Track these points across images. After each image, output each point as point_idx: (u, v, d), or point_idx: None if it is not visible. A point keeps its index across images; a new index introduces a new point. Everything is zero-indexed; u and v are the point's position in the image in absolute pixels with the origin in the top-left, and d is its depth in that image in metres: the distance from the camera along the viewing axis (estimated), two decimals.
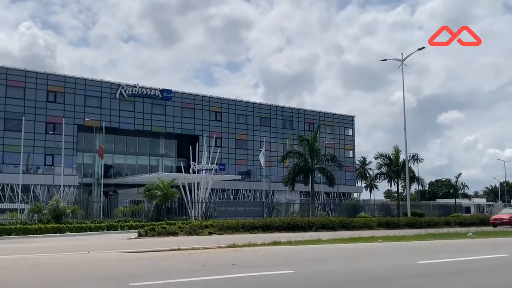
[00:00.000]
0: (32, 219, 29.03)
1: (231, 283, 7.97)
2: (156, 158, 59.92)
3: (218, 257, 12.21)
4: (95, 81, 54.10)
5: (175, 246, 14.38)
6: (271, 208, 41.70)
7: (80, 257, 12.91)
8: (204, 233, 23.40)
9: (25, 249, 16.25)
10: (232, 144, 61.79)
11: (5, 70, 49.27)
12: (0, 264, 11.29)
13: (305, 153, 42.20)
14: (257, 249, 14.39)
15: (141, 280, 7.94)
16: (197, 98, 60.56)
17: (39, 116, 49.38)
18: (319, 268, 10.10)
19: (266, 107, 66.15)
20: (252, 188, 60.51)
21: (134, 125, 55.59)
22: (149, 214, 34.58)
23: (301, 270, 9.65)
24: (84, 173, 53.00)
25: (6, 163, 47.15)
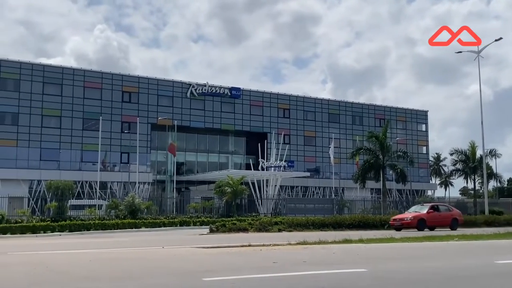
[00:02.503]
0: (109, 215, 30.30)
1: (303, 280, 7.90)
2: (226, 155, 60.77)
3: (288, 254, 12.17)
4: (167, 81, 55.66)
5: (245, 242, 14.48)
6: (341, 205, 41.21)
7: (155, 252, 13.31)
8: (274, 230, 23.45)
9: (103, 244, 16.97)
10: (301, 141, 61.57)
11: (83, 72, 51.73)
12: (82, 258, 11.84)
13: (375, 149, 41.30)
14: (328, 246, 14.21)
15: (214, 275, 8.04)
16: (265, 95, 60.82)
17: (115, 116, 51.45)
18: (393, 267, 9.82)
19: (334, 103, 65.38)
20: (321, 185, 60.03)
21: (204, 123, 56.68)
22: (219, 210, 35.17)
23: (373, 268, 9.41)
24: (157, 170, 54.66)
25: (84, 161, 49.50)
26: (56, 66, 51.50)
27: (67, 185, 29.03)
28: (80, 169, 48.89)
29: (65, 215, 28.14)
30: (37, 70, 49.26)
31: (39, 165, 47.41)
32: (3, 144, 46.38)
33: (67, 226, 25.73)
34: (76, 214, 29.79)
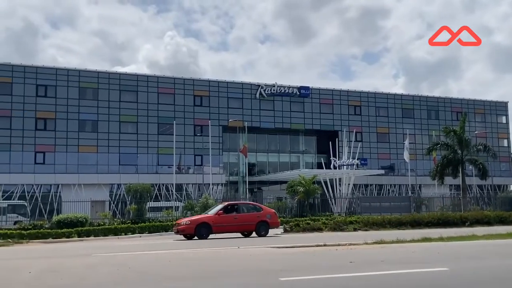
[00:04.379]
0: (186, 216, 31.01)
1: (382, 280, 7.71)
2: (297, 155, 60.65)
3: (365, 254, 11.94)
4: (236, 83, 56.37)
5: (320, 242, 14.36)
6: (419, 203, 39.96)
7: (231, 252, 13.47)
8: (349, 229, 23.12)
9: (181, 244, 17.40)
10: (373, 138, 60.33)
11: (156, 78, 53.45)
12: (162, 258, 12.19)
13: (453, 144, 39.66)
14: (406, 245, 13.83)
15: (290, 275, 8.02)
16: (335, 93, 60.14)
17: (187, 120, 52.76)
18: (476, 265, 9.39)
19: (408, 98, 63.57)
20: (396, 183, 58.56)
21: (274, 123, 56.87)
22: (292, 210, 35.13)
23: (455, 267, 9.04)
24: (230, 171, 55.44)
25: (160, 164, 51.09)
26: (131, 74, 53.58)
27: (145, 188, 30.03)
28: (156, 172, 50.51)
29: (144, 217, 29.10)
30: (114, 79, 51.46)
31: (118, 169, 49.47)
32: (84, 151, 48.81)
33: (147, 227, 26.57)
34: (154, 215, 30.74)
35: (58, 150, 48.06)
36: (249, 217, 21.29)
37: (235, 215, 21.19)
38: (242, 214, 21.46)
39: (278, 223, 22.64)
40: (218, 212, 20.92)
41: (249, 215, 21.45)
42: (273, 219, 21.67)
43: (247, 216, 21.40)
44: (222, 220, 20.55)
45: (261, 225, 20.99)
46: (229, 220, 20.73)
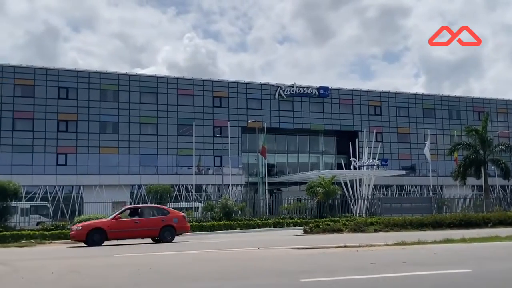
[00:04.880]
0: (205, 217, 31.18)
1: (403, 281, 7.63)
2: (316, 155, 60.43)
3: (386, 255, 11.84)
4: (255, 84, 56.39)
5: (341, 243, 14.29)
6: (440, 204, 39.55)
7: (251, 253, 13.47)
8: (370, 230, 22.94)
9: (201, 245, 17.47)
10: (394, 138, 59.82)
11: (176, 80, 53.75)
12: (182, 259, 12.25)
13: (475, 144, 39.11)
14: (428, 246, 13.68)
15: (310, 276, 7.99)
16: (355, 93, 59.78)
17: (207, 121, 52.95)
18: (499, 267, 9.24)
19: (429, 98, 62.88)
20: (417, 184, 57.97)
21: (293, 124, 56.75)
22: (312, 211, 35.00)
23: (478, 268, 8.92)
24: (249, 172, 55.48)
25: (180, 165, 51.35)
26: (150, 76, 53.98)
27: (165, 189, 30.27)
28: (176, 173, 50.78)
29: None
30: (134, 81, 51.91)
31: (138, 170, 49.86)
32: (105, 152, 49.31)
33: None
34: None
35: (79, 152, 48.64)
36: (153, 221, 19.70)
37: (136, 220, 19.65)
38: (145, 219, 19.79)
39: (187, 228, 21.01)
40: (115, 216, 19.30)
41: (153, 219, 19.86)
42: (180, 223, 20.11)
43: (150, 220, 19.77)
44: (120, 225, 18.94)
45: (166, 230, 19.55)
46: (128, 225, 19.25)
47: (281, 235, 22.99)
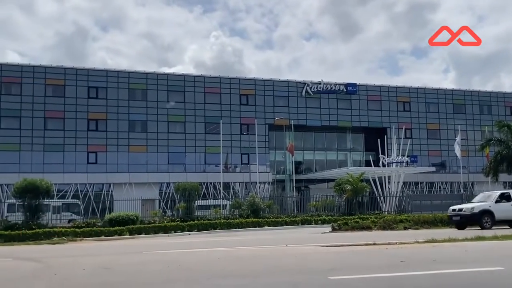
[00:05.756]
0: (233, 214, 31.28)
1: (434, 279, 7.52)
2: (344, 152, 60.00)
3: (416, 252, 11.70)
4: (282, 81, 56.28)
5: (370, 241, 14.17)
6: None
7: (279, 250, 13.47)
8: (399, 228, 22.74)
9: (230, 242, 17.53)
10: (424, 134, 58.97)
11: (203, 78, 54.06)
12: (211, 256, 12.32)
13: (507, 139, 38.29)
14: (459, 244, 13.47)
15: (339, 274, 7.94)
16: (383, 89, 59.11)
17: (234, 119, 53.10)
18: None
19: (459, 93, 61.75)
20: (448, 180, 57.02)
21: (321, 121, 56.46)
22: (340, 208, 34.77)
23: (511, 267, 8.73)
24: (276, 170, 55.44)
25: (208, 163, 51.66)
26: (178, 74, 54.41)
27: (193, 187, 30.42)
28: (204, 171, 51.11)
29: (193, 215, 29.50)
30: (162, 79, 52.40)
31: (167, 168, 50.36)
32: (135, 150, 49.94)
33: (195, 225, 26.99)
34: (203, 214, 31.12)
35: (109, 150, 49.39)
36: None
37: None
38: None
39: None
40: None
41: None
42: None
43: None
44: None
45: None
46: None
47: (309, 232, 22.92)
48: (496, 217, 21.71)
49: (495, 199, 22.28)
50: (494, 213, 21.68)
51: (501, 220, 22.14)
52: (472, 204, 23.12)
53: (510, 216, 22.29)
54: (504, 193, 23.19)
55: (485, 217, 21.58)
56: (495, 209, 21.77)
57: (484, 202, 22.47)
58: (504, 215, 22.02)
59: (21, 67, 49.07)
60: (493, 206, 21.94)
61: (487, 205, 22.07)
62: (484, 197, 23.54)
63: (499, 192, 23.35)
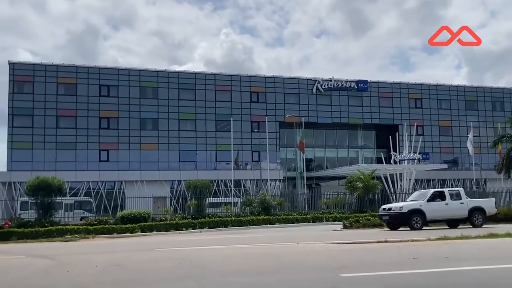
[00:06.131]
0: (244, 212, 31.31)
1: (446, 277, 7.47)
2: (355, 150, 59.80)
3: (428, 250, 11.63)
4: (292, 79, 56.17)
5: (381, 238, 14.12)
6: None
7: (290, 248, 13.46)
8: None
9: (241, 239, 17.57)
10: (435, 131, 58.57)
11: (213, 76, 54.12)
12: (222, 253, 12.35)
13: None
14: (471, 241, 13.36)
15: (351, 271, 7.91)
16: (394, 86, 58.79)
17: (244, 116, 53.08)
18: None
19: (471, 89, 61.24)
20: (460, 177, 56.58)
21: (332, 118, 56.30)
22: (351, 206, 34.68)
23: None
24: (287, 167, 55.38)
25: (219, 160, 51.73)
26: (189, 72, 54.49)
27: (204, 184, 30.50)
28: (215, 168, 51.18)
29: (204, 213, 29.59)
30: (172, 77, 52.53)
31: (178, 166, 50.50)
32: (146, 148, 50.15)
33: (207, 223, 27.06)
34: (214, 211, 31.19)
35: (121, 148, 49.64)
36: None
37: None
38: None
39: None
40: None
41: None
42: None
43: None
44: None
45: None
46: None
47: (321, 230, 22.88)
48: (428, 217, 20.64)
49: (427, 198, 21.06)
50: (425, 212, 20.50)
51: (434, 220, 21.21)
52: (402, 203, 22.27)
53: (443, 216, 21.22)
54: (438, 192, 22.12)
55: (414, 217, 20.35)
56: (427, 209, 20.58)
57: (415, 201, 21.35)
58: (436, 214, 20.88)
59: (33, 65, 49.47)
60: (424, 205, 20.72)
61: (417, 204, 20.89)
62: (420, 195, 22.29)
63: (433, 191, 22.34)
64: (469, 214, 21.19)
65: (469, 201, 21.74)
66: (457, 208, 21.15)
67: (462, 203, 21.30)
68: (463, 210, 21.19)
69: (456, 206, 21.16)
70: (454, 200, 21.32)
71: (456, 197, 21.56)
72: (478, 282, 7.09)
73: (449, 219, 21.58)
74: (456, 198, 21.47)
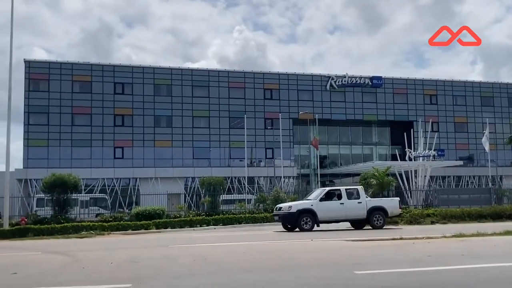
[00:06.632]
0: (258, 208, 31.30)
1: (462, 274, 7.41)
2: (369, 146, 59.49)
3: (444, 247, 11.54)
4: (306, 75, 56.02)
5: (396, 235, 14.06)
6: (500, 195, 38.03)
7: (304, 244, 13.45)
8: (426, 222, 22.51)
9: (254, 236, 17.58)
10: (451, 128, 58.05)
11: (227, 73, 54.17)
12: (236, 250, 12.38)
13: None
14: (488, 239, 13.25)
15: (366, 269, 7.88)
16: (409, 82, 58.34)
17: (258, 113, 53.08)
18: None
19: (487, 85, 60.54)
20: (476, 174, 56.06)
21: (346, 115, 56.05)
22: None
23: None
24: (301, 164, 55.29)
25: (233, 158, 51.81)
26: (202, 70, 54.58)
27: (218, 181, 30.57)
28: (229, 165, 51.27)
29: (218, 209, 29.65)
30: (186, 75, 52.67)
31: (192, 163, 50.65)
32: (160, 145, 50.38)
33: (221, 219, 27.12)
34: (228, 208, 31.25)
35: (135, 145, 49.93)
36: None
37: None
38: None
39: None
40: None
41: None
42: None
43: None
44: None
45: None
46: None
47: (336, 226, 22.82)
48: (320, 217, 19.53)
49: (320, 197, 20.14)
50: (316, 212, 19.44)
51: (327, 220, 20.11)
52: (292, 202, 21.59)
53: (337, 216, 20.17)
54: (334, 190, 21.15)
55: (304, 217, 19.29)
56: (319, 208, 19.57)
57: (307, 200, 20.60)
58: (329, 215, 19.82)
59: (48, 63, 49.94)
60: (316, 204, 19.72)
61: (308, 203, 19.97)
62: (316, 194, 21.16)
63: (328, 189, 21.36)
64: (368, 214, 20.05)
65: (368, 200, 20.63)
66: (354, 208, 20.08)
67: (360, 202, 20.19)
68: (361, 210, 20.10)
69: (353, 205, 20.10)
70: (352, 199, 20.33)
71: (354, 196, 20.51)
72: (492, 280, 7.02)
73: (345, 219, 20.53)
74: (354, 197, 20.44)
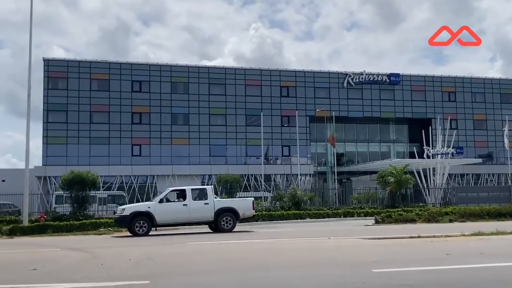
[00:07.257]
0: (275, 206, 31.27)
1: (482, 273, 7.32)
2: (387, 144, 59.08)
3: (462, 246, 11.43)
4: (323, 73, 55.77)
5: (414, 234, 13.92)
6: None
7: (321, 242, 13.42)
8: (444, 221, 22.24)
9: (271, 234, 17.58)
10: (470, 125, 57.36)
11: (243, 70, 54.20)
12: (253, 247, 12.39)
13: None
14: (507, 237, 13.08)
15: (383, 267, 7.84)
16: (427, 79, 57.78)
17: (274, 111, 53.03)
18: None
19: (507, 82, 59.66)
20: (495, 172, 55.34)
21: (363, 112, 55.72)
22: (383, 201, 34.27)
23: None
24: (318, 162, 55.12)
25: (249, 155, 51.86)
26: (219, 67, 54.70)
27: (235, 179, 30.65)
28: (245, 163, 51.33)
29: None
30: (203, 73, 52.83)
31: (209, 160, 50.84)
32: (177, 143, 50.64)
33: None
34: None
35: (153, 143, 50.25)
36: None
37: None
38: None
39: None
40: None
41: None
42: None
43: None
44: None
45: None
46: None
47: (352, 225, 22.73)
48: (158, 221, 18.09)
49: (159, 198, 18.87)
50: (154, 215, 17.96)
51: (167, 224, 18.74)
52: (127, 205, 20.46)
53: (179, 219, 18.68)
54: (178, 191, 19.65)
55: (139, 221, 17.83)
56: (158, 211, 18.06)
57: (146, 202, 19.58)
58: (170, 217, 18.32)
59: (67, 62, 50.44)
60: (154, 206, 18.31)
61: (144, 206, 18.80)
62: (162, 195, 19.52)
63: (170, 189, 19.75)
64: (216, 216, 18.69)
65: (216, 201, 19.30)
66: (199, 210, 18.68)
67: (207, 203, 18.79)
68: (207, 212, 18.70)
69: (198, 207, 18.72)
70: (197, 200, 19.06)
71: (201, 196, 19.25)
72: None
73: (188, 222, 19.31)
74: (200, 198, 19.17)
